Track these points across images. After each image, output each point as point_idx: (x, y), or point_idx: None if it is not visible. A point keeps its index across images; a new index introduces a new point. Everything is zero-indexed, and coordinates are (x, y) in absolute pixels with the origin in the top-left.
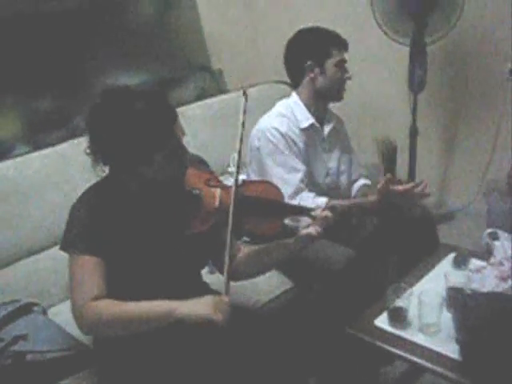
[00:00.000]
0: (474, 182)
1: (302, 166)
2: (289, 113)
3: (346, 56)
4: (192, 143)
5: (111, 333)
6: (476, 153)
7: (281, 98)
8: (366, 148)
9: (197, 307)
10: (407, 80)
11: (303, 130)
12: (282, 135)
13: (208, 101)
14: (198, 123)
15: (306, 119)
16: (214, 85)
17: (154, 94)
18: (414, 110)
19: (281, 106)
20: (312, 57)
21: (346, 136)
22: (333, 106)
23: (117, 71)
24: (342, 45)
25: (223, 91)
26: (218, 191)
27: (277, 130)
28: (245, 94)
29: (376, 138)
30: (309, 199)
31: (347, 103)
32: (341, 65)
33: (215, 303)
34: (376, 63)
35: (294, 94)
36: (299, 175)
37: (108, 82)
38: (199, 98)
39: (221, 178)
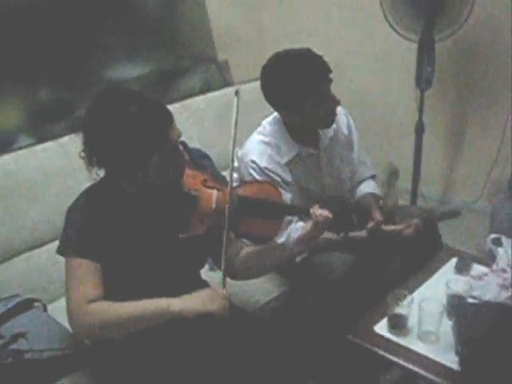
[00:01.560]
0: (480, 179)
1: (287, 196)
2: (272, 140)
3: (331, 77)
4: (196, 136)
5: (107, 335)
6: (482, 150)
7: None
8: (373, 145)
9: (192, 301)
10: (415, 77)
11: (287, 162)
12: (261, 169)
13: (213, 93)
14: (203, 116)
15: (289, 151)
16: (220, 76)
17: (149, 96)
18: (420, 107)
19: (265, 129)
20: (283, 107)
21: (354, 138)
22: None
23: (121, 62)
24: (321, 80)
25: (228, 83)
26: (214, 192)
27: (255, 163)
28: (237, 93)
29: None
30: (297, 232)
31: (354, 100)
32: (322, 100)
33: (211, 296)
34: (383, 60)
35: (277, 116)
36: None
37: (112, 73)
38: (204, 89)
39: (224, 173)
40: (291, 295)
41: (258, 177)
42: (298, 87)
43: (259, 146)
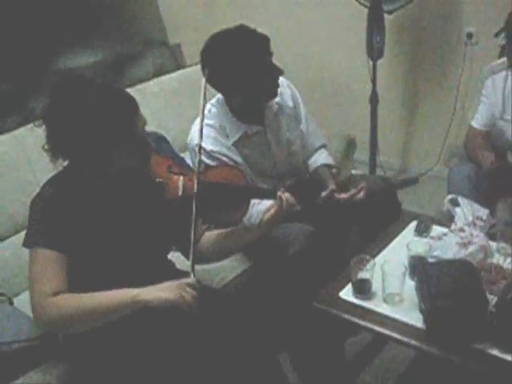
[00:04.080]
0: (436, 146)
1: None
2: (217, 122)
3: (272, 47)
4: (152, 120)
5: (73, 327)
6: (437, 117)
7: None
8: (329, 117)
9: (160, 292)
10: (366, 47)
11: (234, 143)
12: (208, 153)
13: (166, 77)
14: (158, 100)
15: (235, 131)
16: (172, 60)
17: (113, 86)
18: (373, 77)
19: (209, 112)
20: (225, 89)
21: (300, 111)
22: (289, 76)
23: (72, 51)
24: (261, 55)
25: (181, 66)
26: (180, 179)
27: (202, 147)
28: (205, 72)
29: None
30: (261, 211)
31: (308, 71)
32: (264, 72)
33: (179, 287)
34: (336, 32)
35: (220, 97)
36: None
37: (64, 62)
38: (157, 74)
39: (183, 155)
40: (256, 270)
41: (205, 159)
42: (239, 64)
43: (204, 130)
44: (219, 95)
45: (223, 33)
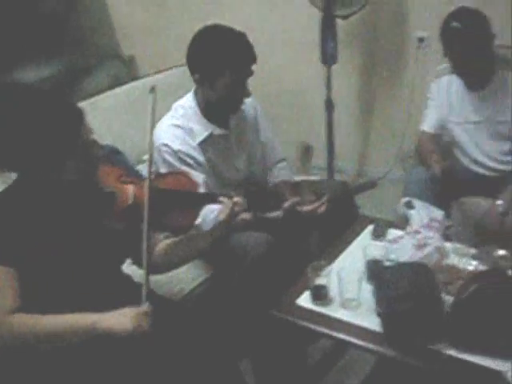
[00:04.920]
0: (393, 149)
1: (200, 178)
2: (184, 122)
3: (253, 68)
4: (107, 133)
5: (26, 349)
6: (392, 121)
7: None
8: (285, 123)
9: (118, 321)
10: (319, 52)
11: (200, 142)
12: (175, 152)
13: (121, 89)
14: (112, 112)
15: (202, 131)
16: (126, 72)
17: (57, 96)
18: (328, 83)
19: (177, 112)
20: (201, 71)
21: (260, 122)
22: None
23: (24, 63)
24: (243, 63)
25: (136, 78)
26: (130, 188)
27: (168, 146)
28: (153, 90)
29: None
30: (213, 214)
31: (261, 80)
32: (235, 84)
33: (136, 315)
34: (288, 39)
35: (190, 96)
36: None
37: (16, 76)
38: (112, 86)
39: (139, 167)
40: (214, 279)
41: (171, 159)
42: (222, 56)
43: (171, 129)
44: (189, 95)
45: (225, 26)
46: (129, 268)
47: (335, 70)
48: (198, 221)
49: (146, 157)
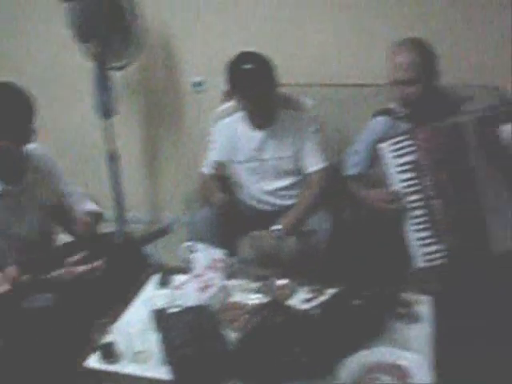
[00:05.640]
0: (182, 194)
1: None
2: None
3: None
4: None
5: None
6: (178, 166)
7: None
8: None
9: None
10: (92, 106)
11: None
12: None
13: None
14: None
15: None
16: None
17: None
18: (107, 135)
19: None
20: None
21: (53, 169)
22: None
23: None
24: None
25: None
26: None
27: None
28: None
29: None
30: None
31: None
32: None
33: None
34: (64, 94)
35: None
36: None
37: None
38: None
39: None
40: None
41: None
42: None
43: None
44: None
45: None
46: None
47: (119, 121)
48: None
49: None
